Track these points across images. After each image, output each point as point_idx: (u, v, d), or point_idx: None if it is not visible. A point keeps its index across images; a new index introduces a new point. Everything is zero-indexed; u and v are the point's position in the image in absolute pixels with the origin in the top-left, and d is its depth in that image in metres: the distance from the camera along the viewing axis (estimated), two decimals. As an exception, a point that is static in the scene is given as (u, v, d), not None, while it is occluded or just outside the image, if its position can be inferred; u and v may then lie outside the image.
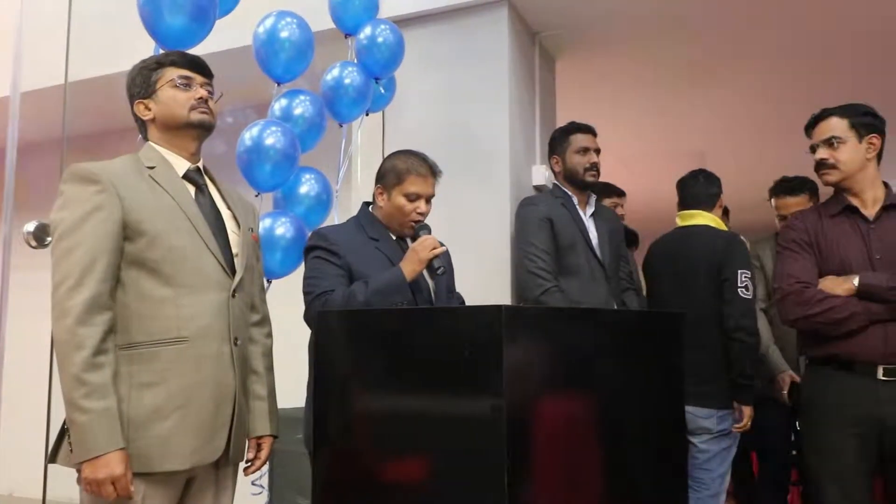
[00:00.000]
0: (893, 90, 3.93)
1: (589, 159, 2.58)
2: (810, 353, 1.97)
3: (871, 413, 1.85)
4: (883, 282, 1.85)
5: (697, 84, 3.81)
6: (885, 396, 1.84)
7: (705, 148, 4.99)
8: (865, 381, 1.87)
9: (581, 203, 2.63)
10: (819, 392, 1.93)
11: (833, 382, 1.91)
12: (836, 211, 1.98)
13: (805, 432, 1.97)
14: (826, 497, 1.87)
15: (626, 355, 1.85)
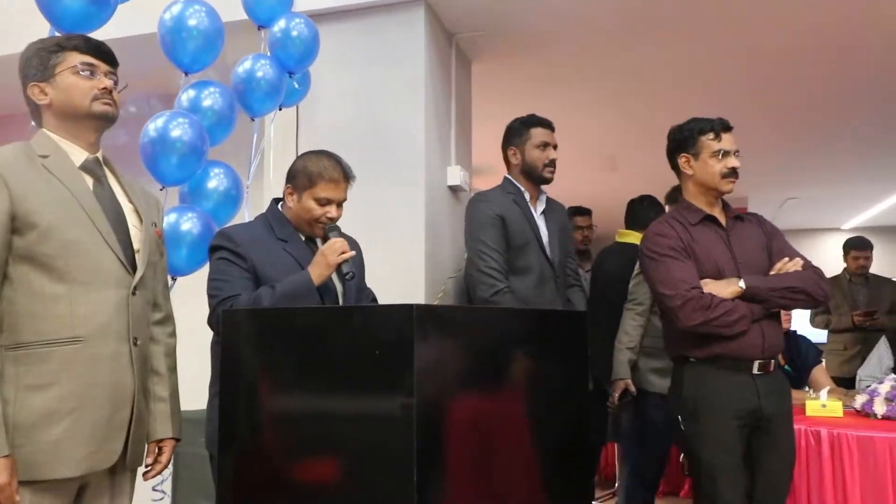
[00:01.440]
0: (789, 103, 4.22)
1: (548, 155, 2.58)
2: (694, 354, 2.06)
3: (750, 406, 1.99)
4: (763, 283, 2.01)
5: (609, 89, 3.94)
6: (761, 389, 2.00)
7: (616, 152, 5.17)
8: (744, 376, 2.01)
9: (533, 199, 2.62)
10: (704, 389, 2.03)
11: (717, 380, 2.02)
12: (696, 220, 2.11)
13: (692, 428, 2.04)
14: (720, 488, 1.97)
15: (535, 354, 1.90)
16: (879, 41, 3.28)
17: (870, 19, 3.06)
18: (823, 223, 8.79)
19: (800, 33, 3.22)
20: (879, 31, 3.17)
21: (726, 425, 1.98)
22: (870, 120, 4.51)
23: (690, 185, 2.17)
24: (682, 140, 2.15)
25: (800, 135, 4.90)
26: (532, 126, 2.61)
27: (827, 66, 3.62)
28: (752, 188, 6.68)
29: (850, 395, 2.66)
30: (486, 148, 4.28)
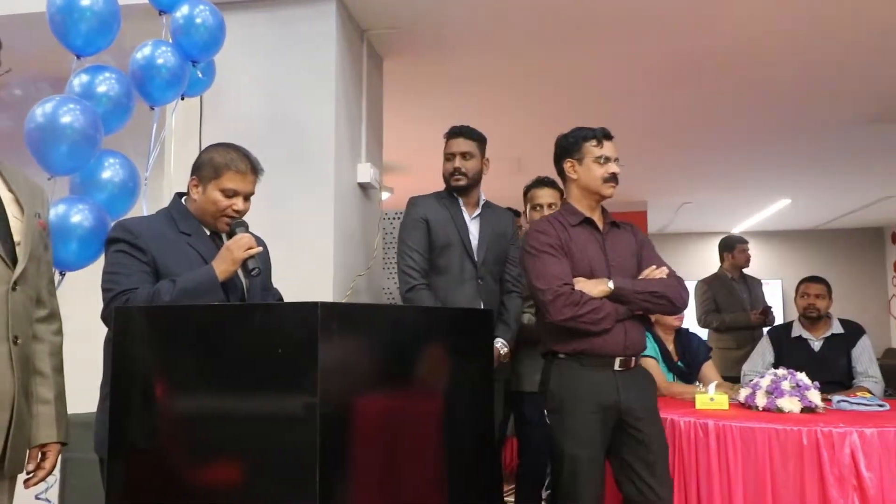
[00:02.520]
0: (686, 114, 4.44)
1: (452, 164, 2.73)
2: (561, 349, 2.16)
3: (610, 400, 2.11)
4: (630, 286, 2.15)
5: (518, 91, 4.02)
6: (621, 385, 2.13)
7: (523, 154, 5.28)
8: (606, 372, 2.13)
9: (469, 205, 2.77)
10: (569, 384, 2.13)
11: (581, 375, 2.13)
12: (576, 222, 2.23)
13: (557, 422, 2.14)
14: (579, 479, 2.07)
15: (444, 352, 1.91)
16: (767, 58, 3.51)
17: (760, 37, 3.27)
18: (715, 227, 9.32)
19: (698, 49, 3.40)
20: (768, 48, 3.39)
21: (588, 419, 2.09)
22: (757, 133, 4.83)
23: (574, 189, 2.28)
24: (567, 147, 2.27)
25: (695, 145, 5.18)
26: (446, 137, 2.79)
27: (720, 83, 3.84)
28: (651, 193, 7.01)
29: (735, 388, 2.82)
30: (397, 146, 4.29)
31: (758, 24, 3.15)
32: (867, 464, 2.02)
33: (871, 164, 5.75)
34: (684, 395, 2.82)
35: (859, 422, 2.14)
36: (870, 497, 2.00)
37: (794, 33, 3.23)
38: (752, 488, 2.11)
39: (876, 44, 3.33)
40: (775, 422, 2.18)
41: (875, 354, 3.63)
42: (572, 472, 2.10)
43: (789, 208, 7.83)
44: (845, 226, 9.15)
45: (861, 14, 3.02)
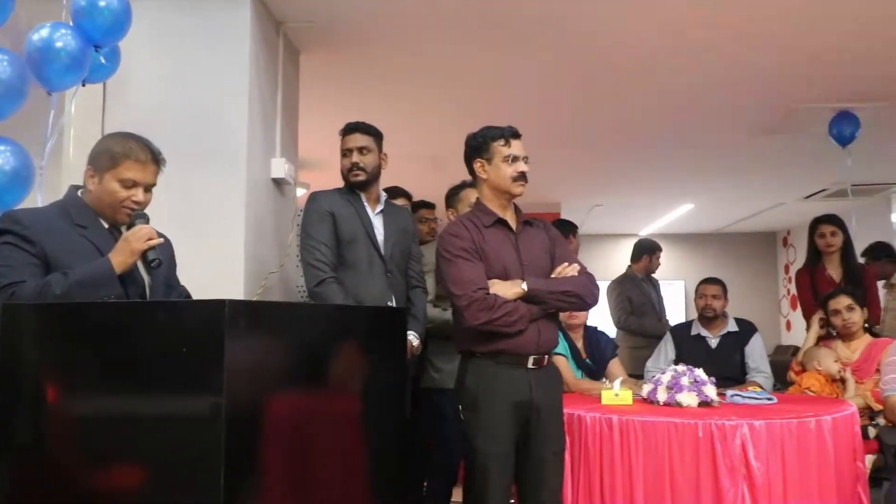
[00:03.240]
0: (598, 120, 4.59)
1: (350, 160, 2.70)
2: (478, 349, 2.20)
3: (525, 397, 2.16)
4: (543, 286, 2.19)
5: (437, 89, 4.04)
6: (533, 382, 2.19)
7: (442, 153, 5.31)
8: (520, 371, 2.18)
9: (370, 200, 2.74)
10: (484, 382, 2.18)
11: (496, 373, 2.18)
12: (489, 223, 2.26)
13: (470, 418, 2.19)
14: (489, 475, 2.13)
15: (358, 350, 1.90)
16: (674, 71, 3.68)
17: (668, 51, 3.42)
18: (624, 229, 9.68)
19: (611, 58, 3.52)
20: (676, 62, 3.56)
21: (501, 416, 2.14)
22: (664, 141, 5.04)
23: (485, 188, 2.31)
24: (476, 146, 2.30)
25: (607, 149, 5.36)
26: (342, 134, 2.76)
27: (632, 92, 3.99)
28: (565, 195, 7.20)
29: (639, 384, 2.94)
30: (313, 141, 4.22)
31: (667, 38, 3.29)
32: (756, 454, 2.16)
33: (765, 173, 6.12)
34: (591, 391, 2.92)
35: (749, 414, 2.27)
36: (757, 485, 2.14)
37: (697, 50, 3.40)
38: (652, 479, 2.21)
39: (768, 63, 3.55)
40: (674, 416, 2.29)
41: (766, 351, 3.87)
42: (483, 467, 2.14)
43: (692, 213, 8.23)
44: (742, 230, 9.70)
45: (754, 38, 3.23)
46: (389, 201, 2.86)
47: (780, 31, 3.20)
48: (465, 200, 3.08)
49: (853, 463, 2.40)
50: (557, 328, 2.37)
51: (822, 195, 6.87)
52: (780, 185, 6.69)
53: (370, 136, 2.73)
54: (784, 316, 9.70)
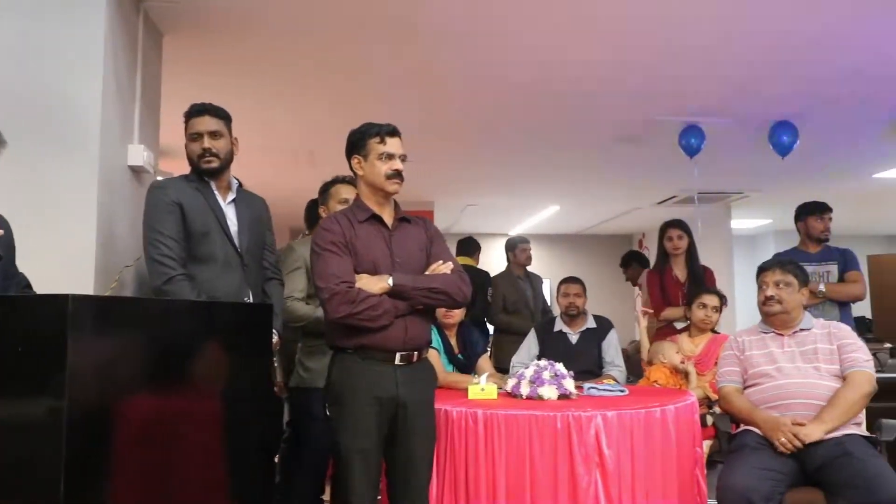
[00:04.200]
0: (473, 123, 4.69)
1: (200, 144, 2.49)
2: (344, 344, 2.21)
3: (390, 393, 2.19)
4: (410, 282, 2.22)
5: (308, 81, 3.96)
6: (401, 379, 2.21)
7: (316, 147, 5.22)
8: (386, 366, 2.20)
9: (221, 189, 2.55)
10: (350, 377, 2.19)
11: (361, 368, 2.19)
12: (363, 218, 2.28)
13: (336, 414, 2.20)
14: (353, 471, 2.14)
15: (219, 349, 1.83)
16: (543, 78, 3.83)
17: (538, 59, 3.56)
18: (495, 229, 9.97)
19: (485, 62, 3.61)
20: (545, 70, 3.71)
21: (365, 411, 2.15)
22: (532, 145, 5.25)
23: (362, 185, 2.33)
24: (354, 142, 2.30)
25: (480, 151, 5.50)
26: (188, 116, 2.55)
27: (503, 96, 4.12)
28: (438, 194, 7.31)
29: (504, 379, 3.04)
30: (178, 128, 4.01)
31: (539, 49, 3.43)
32: (608, 442, 2.30)
33: (623, 179, 6.54)
34: (459, 385, 2.98)
35: (603, 406, 2.42)
36: (609, 472, 2.28)
37: (566, 62, 3.57)
38: (514, 471, 2.29)
39: (628, 77, 3.79)
40: (535, 409, 2.38)
41: (622, 345, 4.12)
42: (347, 463, 2.14)
43: (558, 214, 8.63)
44: (602, 232, 10.30)
45: (617, 52, 3.43)
46: (242, 188, 2.68)
47: (639, 48, 3.42)
48: (335, 196, 3.03)
49: (692, 448, 2.61)
50: (429, 325, 2.40)
51: (672, 201, 7.43)
52: (637, 191, 7.17)
53: (221, 119, 2.54)
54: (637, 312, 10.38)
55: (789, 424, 2.47)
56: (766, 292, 2.79)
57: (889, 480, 2.23)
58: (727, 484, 2.37)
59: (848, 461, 2.34)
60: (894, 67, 3.67)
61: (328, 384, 2.26)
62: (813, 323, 2.79)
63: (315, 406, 2.88)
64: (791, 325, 2.78)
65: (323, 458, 2.96)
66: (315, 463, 3.00)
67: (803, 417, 2.51)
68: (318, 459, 2.98)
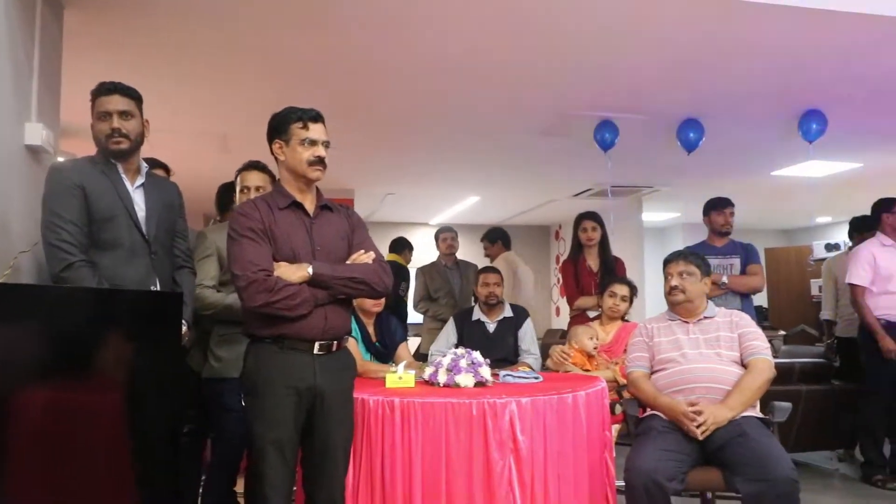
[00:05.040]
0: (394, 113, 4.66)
1: (109, 125, 2.37)
2: (261, 333, 2.16)
3: (308, 383, 2.16)
4: (330, 271, 2.19)
5: (221, 63, 3.82)
6: (319, 368, 2.19)
7: (228, 131, 5.06)
8: (305, 356, 2.18)
9: (129, 172, 2.42)
10: (266, 367, 2.15)
11: (279, 358, 2.15)
12: (284, 205, 2.23)
13: (252, 404, 2.16)
14: (268, 462, 2.11)
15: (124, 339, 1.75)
16: (463, 69, 3.85)
17: (458, 51, 3.57)
18: (416, 218, 9.99)
19: (401, 51, 3.59)
20: (465, 61, 3.72)
21: (281, 401, 2.12)
22: (452, 135, 5.27)
23: (283, 170, 2.28)
24: (275, 126, 2.25)
25: (400, 139, 5.48)
26: (95, 95, 2.43)
27: (423, 85, 4.11)
28: (358, 182, 7.24)
29: (422, 367, 3.05)
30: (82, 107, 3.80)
31: (460, 41, 3.44)
32: (522, 428, 2.35)
33: (541, 171, 6.67)
34: (378, 374, 2.98)
35: (518, 393, 2.47)
36: (522, 457, 2.33)
37: (486, 51, 3.59)
38: (430, 458, 2.31)
39: (545, 72, 3.86)
40: (452, 396, 2.41)
41: (538, 334, 4.24)
42: (262, 453, 2.10)
43: (478, 205, 8.72)
44: (522, 223, 10.48)
45: (533, 48, 3.48)
46: (151, 172, 2.58)
47: (556, 43, 3.49)
48: (242, 182, 2.96)
49: (602, 433, 2.71)
50: (349, 314, 2.38)
51: (587, 194, 7.65)
52: (554, 183, 7.34)
53: (132, 99, 2.43)
54: (554, 302, 10.67)
55: (686, 410, 2.59)
56: (671, 282, 2.93)
57: (779, 459, 2.39)
58: (634, 465, 2.47)
59: (744, 441, 2.49)
60: (794, 71, 3.90)
61: (244, 374, 2.21)
62: (716, 311, 2.95)
63: (227, 396, 2.82)
64: (695, 314, 2.92)
65: (236, 450, 2.89)
66: (227, 455, 2.93)
67: (705, 400, 2.65)
68: (231, 451, 2.91)
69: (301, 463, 2.25)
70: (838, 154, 5.83)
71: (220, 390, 2.86)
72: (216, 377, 2.87)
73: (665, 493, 2.40)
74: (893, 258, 4.25)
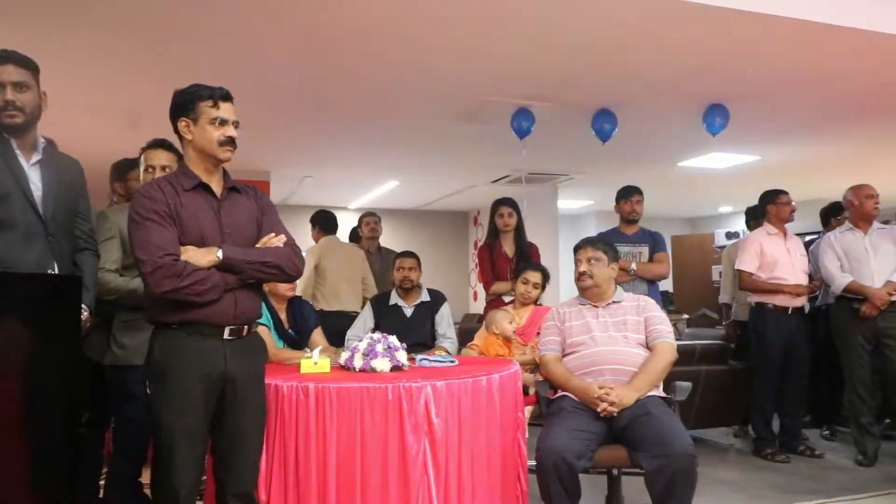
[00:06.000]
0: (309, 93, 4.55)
1: (2, 97, 2.22)
2: (168, 319, 2.09)
3: (219, 369, 2.12)
4: (240, 255, 2.14)
5: (127, 34, 3.63)
6: (230, 353, 2.14)
7: (138, 108, 4.83)
8: (215, 341, 2.13)
9: (24, 148, 2.27)
10: (173, 354, 2.09)
11: (187, 344, 2.09)
12: (189, 186, 2.15)
13: (157, 392, 2.09)
14: (176, 451, 2.05)
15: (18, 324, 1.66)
16: (382, 50, 3.81)
17: (374, 30, 3.53)
18: (335, 202, 9.85)
19: (320, 29, 3.51)
20: (384, 41, 3.68)
21: (190, 388, 2.07)
22: (371, 119, 5.22)
23: (190, 150, 2.19)
24: (181, 104, 2.16)
25: (317, 121, 5.37)
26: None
27: (342, 65, 4.04)
28: (275, 164, 7.07)
29: (338, 352, 3.03)
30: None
31: (380, 22, 3.39)
32: (437, 411, 2.37)
33: (461, 157, 6.71)
34: (292, 361, 2.94)
35: (434, 376, 2.49)
36: (437, 440, 2.35)
37: (404, 34, 3.57)
38: (345, 443, 2.30)
39: (462, 58, 3.88)
40: (368, 381, 2.40)
41: (456, 318, 4.28)
42: (169, 442, 2.04)
43: (397, 189, 8.69)
44: (441, 208, 10.54)
45: (451, 34, 3.49)
46: (49, 148, 2.43)
47: (471, 30, 3.51)
48: (146, 161, 2.83)
49: (515, 414, 2.77)
50: (260, 298, 2.33)
51: (505, 180, 7.77)
52: (473, 169, 7.41)
53: (28, 69, 2.28)
54: (472, 287, 10.80)
55: (598, 392, 2.69)
56: (580, 268, 3.03)
57: (679, 435, 2.52)
58: (544, 445, 2.55)
59: (648, 420, 2.61)
60: (699, 67, 4.08)
61: (149, 361, 2.12)
62: (624, 296, 3.07)
63: (132, 385, 2.71)
64: (604, 298, 3.03)
65: (141, 441, 2.80)
66: (132, 445, 2.83)
67: (613, 382, 2.76)
68: (136, 441, 2.81)
69: (211, 451, 2.20)
70: (739, 147, 6.16)
71: (123, 378, 2.75)
72: (119, 364, 2.76)
73: (573, 470, 2.49)
74: (778, 246, 4.54)
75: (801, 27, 3.41)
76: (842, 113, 5.13)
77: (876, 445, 4.32)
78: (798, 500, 3.62)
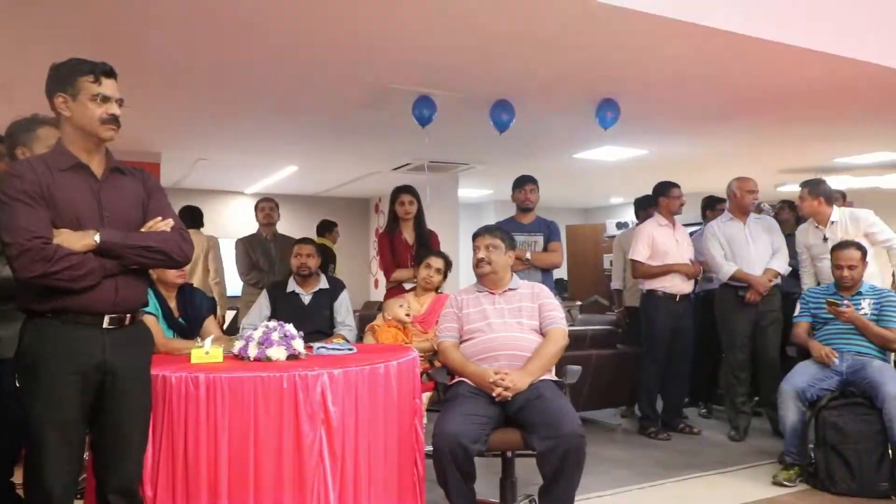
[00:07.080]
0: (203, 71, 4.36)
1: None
2: (38, 307, 1.99)
3: (96, 360, 2.02)
4: (121, 239, 2.03)
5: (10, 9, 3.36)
6: (109, 342, 2.04)
7: (11, 82, 4.47)
8: (93, 330, 2.02)
9: None
10: (45, 344, 1.98)
11: (61, 334, 1.99)
12: (66, 166, 2.03)
13: (28, 386, 1.98)
14: (48, 448, 1.95)
15: None
16: (278, 29, 3.70)
17: (275, 9, 3.42)
18: (231, 186, 9.53)
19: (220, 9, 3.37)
20: (281, 19, 3.58)
21: (63, 381, 1.96)
22: (269, 102, 5.06)
23: (68, 128, 2.06)
24: (59, 79, 2.03)
25: (212, 102, 5.15)
26: None
27: (237, 45, 3.89)
28: (166, 146, 6.73)
29: (232, 341, 2.94)
30: None
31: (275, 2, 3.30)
32: (333, 399, 2.35)
33: (362, 143, 6.64)
34: (182, 351, 2.82)
35: (331, 364, 2.46)
36: (333, 428, 2.33)
37: (301, 16, 3.48)
38: (237, 435, 2.23)
39: (361, 41, 3.84)
40: (262, 370, 2.35)
41: (356, 306, 4.26)
42: (42, 439, 1.93)
43: (296, 175, 8.50)
44: (341, 195, 10.41)
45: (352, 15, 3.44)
46: None
47: (373, 14, 3.47)
48: (43, 140, 2.62)
49: (412, 401, 2.79)
50: (145, 285, 2.22)
51: (407, 168, 7.77)
52: (375, 156, 7.35)
53: None
54: (373, 275, 10.76)
55: (494, 377, 2.76)
56: (478, 255, 3.09)
57: (569, 417, 2.63)
58: (440, 430, 2.59)
59: (540, 403, 2.70)
60: (592, 63, 4.22)
61: (19, 352, 1.99)
62: (519, 284, 3.15)
63: (5, 379, 2.52)
64: (501, 285, 3.10)
65: (13, 439, 2.61)
66: (2, 442, 2.63)
67: (508, 367, 2.84)
68: (7, 439, 2.62)
69: (91, 447, 2.09)
70: (629, 141, 6.44)
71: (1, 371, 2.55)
72: None
73: (469, 454, 2.55)
74: (668, 237, 4.82)
75: (681, 28, 3.59)
76: (719, 112, 5.47)
77: (747, 422, 4.69)
78: (678, 475, 3.87)
